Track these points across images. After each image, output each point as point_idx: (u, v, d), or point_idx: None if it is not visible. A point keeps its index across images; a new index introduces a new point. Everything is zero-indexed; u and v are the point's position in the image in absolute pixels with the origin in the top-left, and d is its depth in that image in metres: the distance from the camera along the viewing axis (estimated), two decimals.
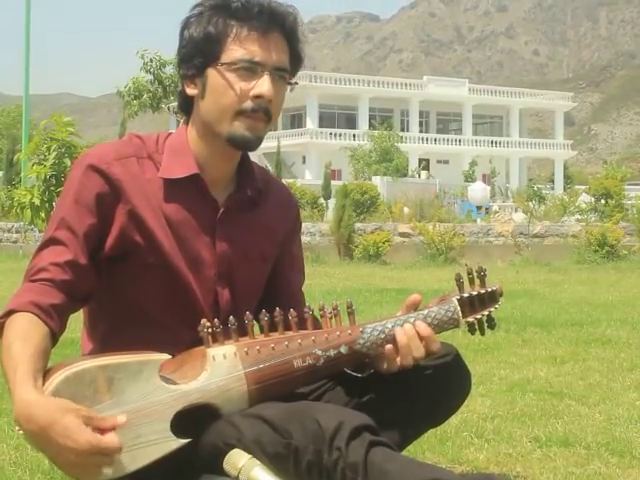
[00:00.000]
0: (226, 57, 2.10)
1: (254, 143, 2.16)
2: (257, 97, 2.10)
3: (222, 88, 2.11)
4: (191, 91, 2.16)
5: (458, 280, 2.28)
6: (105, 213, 2.11)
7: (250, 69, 2.10)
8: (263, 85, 2.10)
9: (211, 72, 2.12)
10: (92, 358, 1.96)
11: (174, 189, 2.16)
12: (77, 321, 2.30)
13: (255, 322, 2.10)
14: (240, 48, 2.10)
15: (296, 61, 2.21)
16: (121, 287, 2.17)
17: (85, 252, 2.08)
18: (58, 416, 1.74)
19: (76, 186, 2.12)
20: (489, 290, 2.30)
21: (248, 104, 2.11)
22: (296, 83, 2.22)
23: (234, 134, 2.13)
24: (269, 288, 2.37)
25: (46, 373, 1.87)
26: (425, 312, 2.23)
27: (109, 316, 2.22)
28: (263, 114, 2.13)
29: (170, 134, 2.27)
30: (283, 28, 2.15)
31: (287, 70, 2.17)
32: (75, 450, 1.74)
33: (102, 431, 1.77)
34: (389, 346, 2.16)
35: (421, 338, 2.18)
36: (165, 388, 1.95)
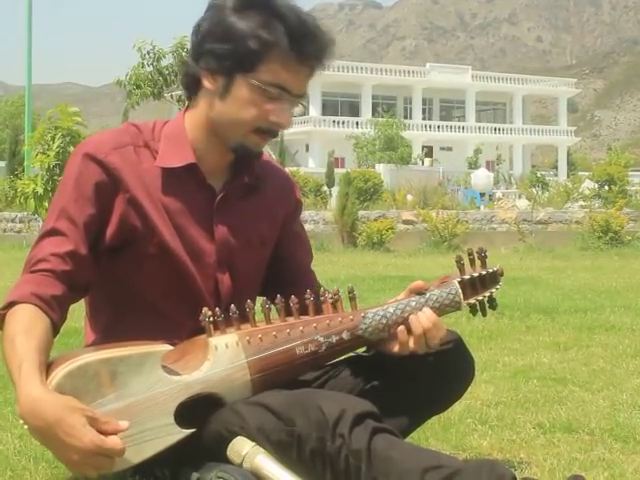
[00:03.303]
0: (261, 74, 2.07)
1: (256, 155, 2.23)
2: (276, 123, 2.12)
3: (246, 103, 2.09)
4: (208, 84, 2.12)
5: (459, 262, 2.27)
6: (104, 203, 2.11)
7: (278, 94, 2.09)
8: (285, 116, 2.12)
9: (240, 80, 2.08)
10: (94, 351, 1.96)
11: (171, 178, 2.16)
12: (80, 310, 2.30)
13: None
14: (279, 72, 2.07)
15: None
16: (121, 277, 2.17)
17: (85, 242, 2.09)
18: (65, 414, 1.75)
19: (75, 176, 2.12)
20: (490, 271, 2.29)
21: (265, 125, 2.12)
22: (305, 107, 2.23)
23: (242, 145, 2.15)
24: (279, 270, 2.37)
25: (48, 366, 1.88)
26: (427, 295, 2.22)
27: (111, 306, 2.22)
28: (274, 135, 2.16)
29: (167, 122, 2.26)
30: (320, 61, 2.13)
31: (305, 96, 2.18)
32: (79, 449, 1.75)
33: (105, 433, 1.78)
34: (401, 328, 2.16)
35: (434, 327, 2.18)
36: (168, 379, 1.95)
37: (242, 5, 2.08)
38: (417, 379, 2.24)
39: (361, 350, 2.27)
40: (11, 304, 1.98)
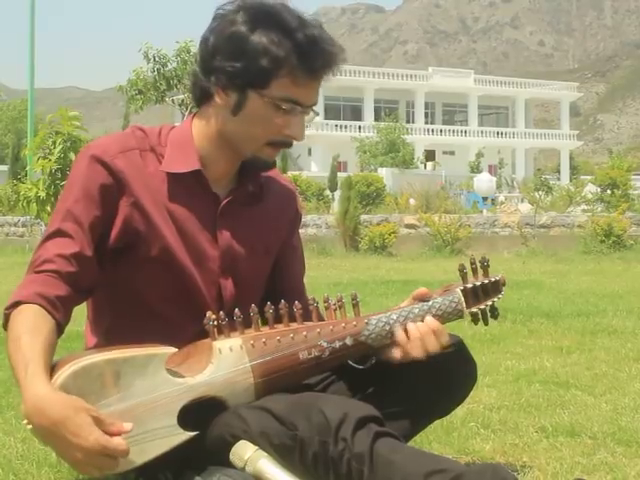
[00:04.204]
0: (273, 90, 2.07)
1: (271, 166, 2.24)
2: (290, 136, 2.13)
3: (260, 118, 2.10)
4: (220, 100, 2.12)
5: (461, 271, 2.28)
6: (109, 205, 2.11)
7: (291, 108, 2.10)
8: (298, 129, 2.13)
9: (252, 96, 2.08)
10: (99, 352, 1.96)
11: (176, 183, 2.17)
12: (83, 314, 2.30)
13: (260, 315, 2.11)
14: (290, 87, 2.07)
15: None
16: (124, 280, 2.17)
17: (90, 244, 2.09)
18: (71, 413, 1.75)
19: (81, 178, 2.12)
20: (492, 280, 2.30)
21: (279, 138, 2.13)
22: (317, 113, 2.21)
23: (258, 157, 2.16)
24: (272, 280, 2.37)
25: (53, 367, 1.88)
26: (429, 303, 2.22)
27: (113, 309, 2.23)
28: (288, 146, 2.18)
29: (174, 127, 2.27)
30: (330, 72, 2.14)
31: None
32: (84, 448, 1.76)
33: (110, 434, 1.78)
34: (402, 334, 2.17)
35: (432, 332, 2.19)
36: (172, 382, 1.96)
37: (252, 20, 2.06)
38: (419, 383, 2.24)
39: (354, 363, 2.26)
40: (16, 304, 1.99)
